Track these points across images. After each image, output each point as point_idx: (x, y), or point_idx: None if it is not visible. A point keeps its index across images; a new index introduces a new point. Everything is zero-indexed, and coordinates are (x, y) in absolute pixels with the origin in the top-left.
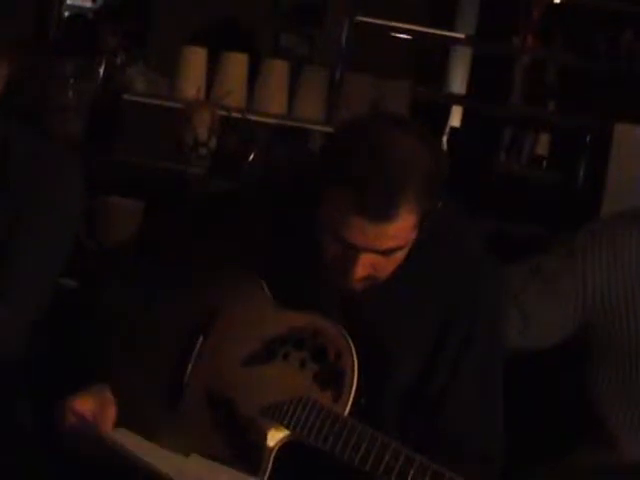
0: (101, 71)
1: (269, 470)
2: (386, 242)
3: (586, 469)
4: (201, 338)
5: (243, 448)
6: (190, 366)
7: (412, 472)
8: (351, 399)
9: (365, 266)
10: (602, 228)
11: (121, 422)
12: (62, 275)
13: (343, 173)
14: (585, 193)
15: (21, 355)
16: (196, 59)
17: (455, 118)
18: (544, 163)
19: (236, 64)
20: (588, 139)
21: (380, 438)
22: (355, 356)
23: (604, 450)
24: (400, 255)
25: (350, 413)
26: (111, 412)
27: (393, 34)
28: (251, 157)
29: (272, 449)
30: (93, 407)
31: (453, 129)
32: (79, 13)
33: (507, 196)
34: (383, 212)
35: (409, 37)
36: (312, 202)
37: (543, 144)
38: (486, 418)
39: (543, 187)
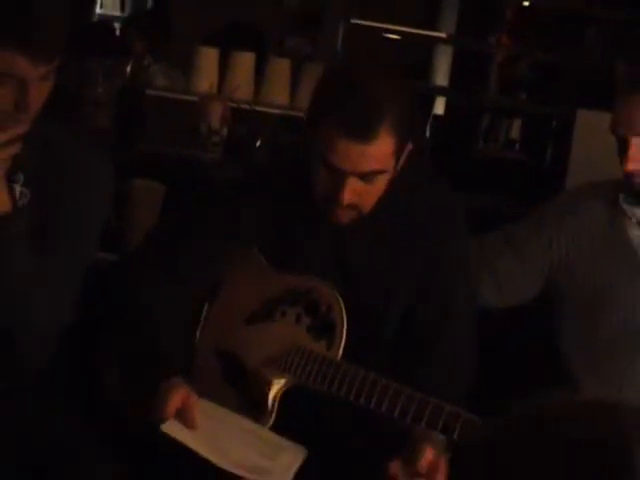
0: (128, 70)
1: (274, 414)
2: (368, 163)
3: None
4: (207, 305)
5: (250, 396)
6: (199, 330)
7: (414, 408)
8: (342, 345)
9: (351, 192)
10: (565, 199)
11: None
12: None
13: (329, 104)
14: (552, 172)
15: (59, 332)
16: (209, 58)
17: (438, 107)
18: (517, 146)
19: (244, 62)
20: (554, 125)
21: (371, 376)
22: (343, 307)
23: (568, 390)
24: (380, 184)
25: (342, 357)
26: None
27: (384, 34)
28: (258, 143)
29: (276, 395)
30: (179, 405)
31: (437, 117)
32: (106, 20)
33: (485, 175)
34: (364, 132)
35: (398, 37)
36: (306, 173)
37: (516, 130)
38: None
39: (516, 167)
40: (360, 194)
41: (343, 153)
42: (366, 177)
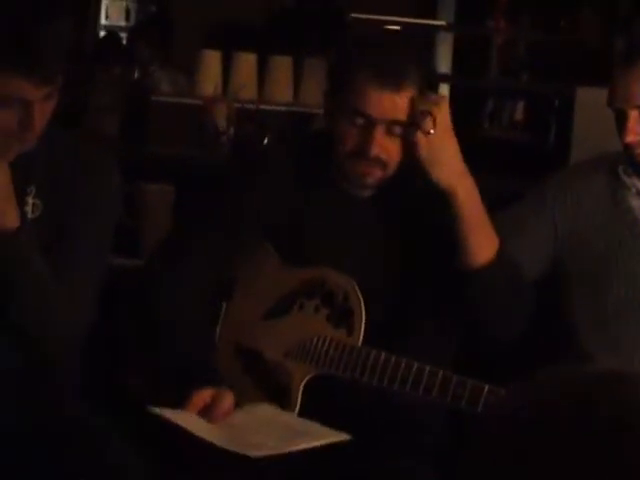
0: (135, 76)
1: (298, 405)
2: (395, 112)
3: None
4: (224, 304)
5: (272, 389)
6: (218, 328)
7: (438, 384)
8: (362, 330)
9: (379, 145)
10: (566, 176)
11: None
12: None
13: (363, 57)
14: (556, 151)
15: (82, 335)
16: (212, 61)
17: (442, 93)
18: (521, 127)
19: (246, 62)
20: (557, 103)
21: (392, 358)
22: (359, 293)
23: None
24: (402, 142)
25: (363, 342)
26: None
27: (384, 27)
28: (265, 141)
29: (299, 385)
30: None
31: None
32: (112, 30)
33: (490, 157)
34: (395, 80)
35: (398, 28)
36: (326, 154)
37: (519, 111)
38: None
39: (521, 148)
40: (387, 149)
41: (375, 101)
42: (393, 128)
